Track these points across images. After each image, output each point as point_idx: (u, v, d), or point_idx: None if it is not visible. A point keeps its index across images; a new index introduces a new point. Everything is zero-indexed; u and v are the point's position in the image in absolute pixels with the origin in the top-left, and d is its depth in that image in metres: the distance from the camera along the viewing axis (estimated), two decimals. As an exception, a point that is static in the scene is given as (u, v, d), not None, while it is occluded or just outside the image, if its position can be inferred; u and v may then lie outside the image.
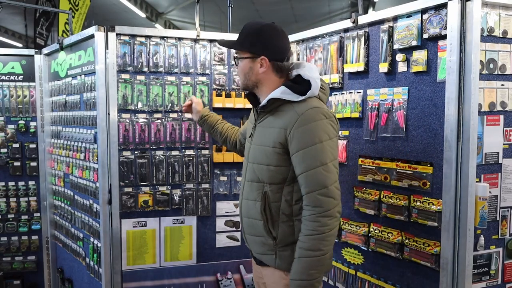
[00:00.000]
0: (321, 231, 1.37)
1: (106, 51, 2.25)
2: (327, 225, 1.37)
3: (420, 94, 1.78)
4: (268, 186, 1.50)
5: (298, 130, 1.40)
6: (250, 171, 1.58)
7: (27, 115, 2.90)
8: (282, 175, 1.48)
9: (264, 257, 1.56)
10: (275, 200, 1.50)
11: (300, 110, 1.42)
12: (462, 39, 1.61)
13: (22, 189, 2.90)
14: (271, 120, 1.51)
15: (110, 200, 2.29)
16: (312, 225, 1.38)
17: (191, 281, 2.46)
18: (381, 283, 1.97)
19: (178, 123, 2.38)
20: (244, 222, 1.61)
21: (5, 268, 2.89)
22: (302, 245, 1.40)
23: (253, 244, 1.60)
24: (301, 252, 1.40)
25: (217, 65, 2.43)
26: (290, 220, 1.49)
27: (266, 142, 1.50)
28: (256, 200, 1.53)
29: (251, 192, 1.57)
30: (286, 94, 1.46)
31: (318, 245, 1.37)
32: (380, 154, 1.96)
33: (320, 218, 1.37)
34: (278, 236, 1.50)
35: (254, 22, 1.54)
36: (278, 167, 1.48)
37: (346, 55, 2.10)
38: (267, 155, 1.50)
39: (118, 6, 9.81)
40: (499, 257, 1.75)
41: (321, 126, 1.40)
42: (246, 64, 1.55)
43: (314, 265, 1.38)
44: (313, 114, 1.41)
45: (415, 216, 1.79)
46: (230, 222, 2.50)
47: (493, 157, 1.70)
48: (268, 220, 1.50)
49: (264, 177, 1.51)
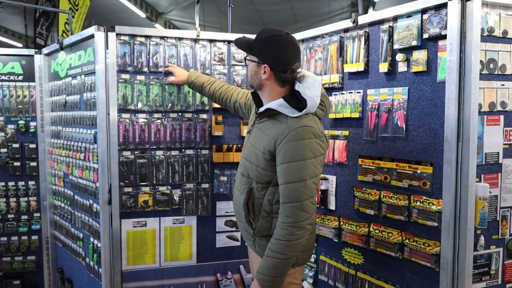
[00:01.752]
0: (288, 239, 1.49)
1: (106, 51, 2.24)
2: (295, 235, 1.48)
3: (420, 94, 1.78)
4: (255, 184, 1.63)
5: (286, 144, 1.49)
6: (242, 166, 1.72)
7: (27, 115, 2.90)
8: (267, 178, 1.59)
9: (247, 241, 1.78)
10: (258, 197, 1.63)
11: (292, 125, 1.50)
12: (462, 39, 1.61)
13: (22, 189, 2.90)
14: (267, 125, 1.60)
15: (110, 200, 2.29)
16: (282, 231, 1.50)
17: (191, 281, 2.46)
18: (381, 283, 1.97)
19: (178, 123, 2.38)
20: (234, 208, 1.80)
21: (5, 268, 2.89)
22: (270, 246, 1.53)
23: (241, 229, 1.79)
24: (268, 252, 1.53)
25: (217, 65, 2.43)
26: (269, 217, 1.63)
27: (258, 145, 1.61)
28: (242, 193, 1.68)
29: (240, 184, 1.72)
30: (283, 107, 1.53)
31: (283, 250, 1.49)
32: (380, 154, 1.96)
33: (289, 227, 1.49)
34: (257, 228, 1.65)
35: (269, 29, 1.58)
36: (265, 170, 1.59)
37: (346, 55, 2.10)
38: (257, 157, 1.60)
39: (118, 6, 9.81)
40: (499, 257, 1.75)
41: (308, 145, 1.48)
42: (252, 67, 1.63)
43: (277, 265, 1.51)
44: (303, 132, 1.48)
45: (415, 216, 1.79)
46: (230, 222, 2.50)
47: (493, 157, 1.70)
48: (250, 212, 1.65)
49: (253, 175, 1.64)
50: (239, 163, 1.79)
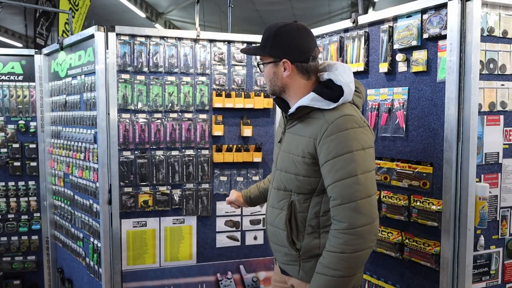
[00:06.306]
0: (342, 250, 1.25)
1: (106, 51, 2.25)
2: (350, 245, 1.24)
3: (420, 94, 1.78)
4: (295, 196, 1.42)
5: (327, 139, 1.30)
6: (278, 179, 1.50)
7: (27, 115, 2.90)
8: (310, 186, 1.39)
9: (288, 268, 1.49)
10: (301, 211, 1.42)
11: (331, 118, 1.31)
12: (462, 39, 1.61)
13: (22, 189, 2.90)
14: (301, 127, 1.42)
15: (110, 200, 2.29)
16: (334, 240, 1.27)
17: (191, 281, 2.46)
18: (381, 283, 1.97)
19: (178, 123, 2.38)
20: (269, 230, 1.55)
21: (5, 268, 2.89)
22: (322, 260, 1.32)
23: (277, 253, 1.53)
24: (319, 268, 1.32)
25: (217, 65, 2.43)
26: (316, 232, 1.40)
27: (295, 150, 1.41)
28: (281, 210, 1.46)
29: (277, 200, 1.49)
30: (316, 101, 1.35)
31: (336, 264, 1.26)
32: (380, 154, 1.96)
33: (343, 234, 1.25)
34: (302, 248, 1.42)
35: (273, 24, 1.43)
36: (307, 177, 1.38)
37: (346, 55, 2.10)
38: (295, 164, 1.40)
39: (118, 6, 9.81)
40: (499, 257, 1.75)
41: (353, 135, 1.29)
42: (270, 69, 1.45)
43: (331, 285, 1.27)
44: (345, 122, 1.30)
45: (415, 216, 1.79)
46: (230, 222, 2.50)
47: (493, 157, 1.70)
48: (293, 231, 1.43)
49: (292, 186, 1.43)
50: (271, 176, 1.58)
